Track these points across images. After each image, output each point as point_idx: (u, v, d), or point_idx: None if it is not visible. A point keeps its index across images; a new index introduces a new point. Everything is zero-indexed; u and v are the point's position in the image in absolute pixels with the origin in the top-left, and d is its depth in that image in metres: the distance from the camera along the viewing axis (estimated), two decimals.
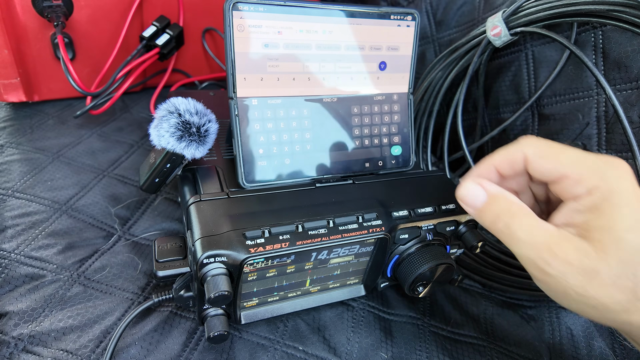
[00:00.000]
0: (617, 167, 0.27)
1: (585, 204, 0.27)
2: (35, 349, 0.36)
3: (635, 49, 0.42)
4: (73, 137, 0.59)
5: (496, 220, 0.30)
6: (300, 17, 0.40)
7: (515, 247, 0.29)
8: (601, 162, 0.28)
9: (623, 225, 0.26)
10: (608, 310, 0.27)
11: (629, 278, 0.26)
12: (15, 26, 0.57)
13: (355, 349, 0.40)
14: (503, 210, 0.30)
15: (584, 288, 0.26)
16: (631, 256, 0.26)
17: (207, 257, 0.32)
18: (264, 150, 0.41)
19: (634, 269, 0.26)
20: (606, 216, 0.26)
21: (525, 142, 0.31)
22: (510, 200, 0.30)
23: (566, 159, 0.29)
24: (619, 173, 0.27)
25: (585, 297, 0.27)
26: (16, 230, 0.45)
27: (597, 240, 0.26)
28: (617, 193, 0.26)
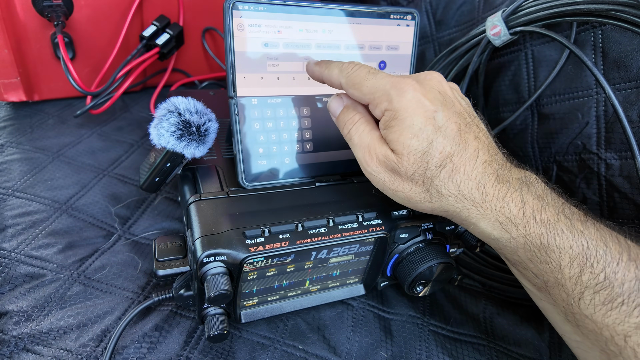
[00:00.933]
0: (400, 88, 0.32)
1: (382, 123, 0.34)
2: (35, 348, 0.36)
3: (634, 48, 0.42)
4: (73, 137, 0.59)
5: (343, 126, 0.36)
6: (300, 16, 0.40)
7: (352, 149, 0.36)
8: (388, 86, 0.33)
9: (407, 134, 0.32)
10: (415, 201, 0.33)
11: (420, 174, 0.32)
12: (16, 26, 0.57)
13: (355, 348, 0.41)
14: (348, 119, 0.36)
15: (393, 183, 0.33)
16: (418, 157, 0.32)
17: (207, 256, 0.32)
18: (264, 149, 0.41)
19: (423, 166, 0.32)
20: (395, 130, 0.32)
21: (341, 72, 0.36)
22: (355, 111, 0.36)
23: (366, 88, 0.34)
24: (400, 93, 0.32)
25: (396, 191, 0.34)
26: (16, 230, 0.46)
27: (395, 148, 0.33)
28: (400, 110, 0.32)
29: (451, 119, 0.32)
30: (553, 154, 0.51)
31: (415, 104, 0.32)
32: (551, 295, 0.32)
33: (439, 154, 0.31)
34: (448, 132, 0.32)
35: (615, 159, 0.45)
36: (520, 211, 0.31)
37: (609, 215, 0.46)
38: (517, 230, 0.31)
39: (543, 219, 0.31)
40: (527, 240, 0.31)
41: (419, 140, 0.31)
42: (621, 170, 0.45)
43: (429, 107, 0.32)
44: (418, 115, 0.32)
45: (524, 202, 0.31)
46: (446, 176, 0.32)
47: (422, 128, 0.31)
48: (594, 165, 0.47)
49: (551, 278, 0.31)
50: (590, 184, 0.47)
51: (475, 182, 0.32)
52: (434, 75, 0.35)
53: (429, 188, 0.32)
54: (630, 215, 0.44)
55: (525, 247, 0.31)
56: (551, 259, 0.30)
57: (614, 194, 0.45)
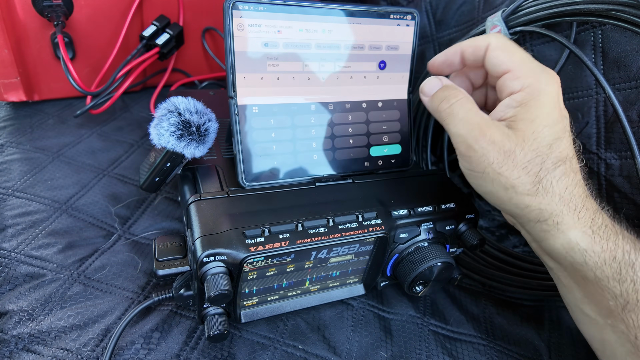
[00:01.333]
0: (549, 73, 0.32)
1: (517, 98, 0.32)
2: (35, 347, 0.36)
3: (634, 48, 0.42)
4: (73, 137, 0.59)
5: (443, 102, 0.35)
6: (300, 16, 0.40)
7: (451, 124, 0.34)
8: (539, 68, 0.33)
9: (542, 121, 0.31)
10: (516, 191, 0.31)
11: (537, 164, 0.31)
12: (16, 26, 0.57)
13: (355, 347, 0.41)
14: (451, 94, 0.35)
15: (501, 166, 0.31)
16: (543, 147, 0.31)
17: (207, 256, 0.32)
18: (264, 149, 0.41)
19: (542, 158, 0.31)
20: (531, 111, 0.31)
21: (492, 35, 0.36)
22: (459, 89, 0.35)
23: (516, 57, 0.33)
24: (549, 78, 0.32)
25: (500, 176, 0.31)
26: (16, 230, 0.46)
27: (520, 130, 0.31)
28: (544, 94, 0.31)
29: (569, 131, 0.33)
30: None
31: (558, 97, 0.32)
32: (625, 320, 0.30)
33: (559, 153, 0.31)
34: (570, 138, 0.32)
35: (615, 158, 0.45)
36: (610, 224, 0.31)
37: None
38: (607, 243, 0.30)
39: (629, 236, 0.31)
40: (617, 254, 0.30)
41: (551, 131, 0.31)
42: (621, 170, 0.45)
43: (563, 108, 0.32)
44: (556, 109, 0.32)
45: (612, 218, 0.32)
46: (560, 174, 0.31)
47: (556, 122, 0.31)
48: (593, 165, 0.47)
49: (632, 299, 0.29)
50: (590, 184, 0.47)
51: (580, 190, 0.32)
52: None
53: (541, 180, 0.31)
54: (630, 215, 0.44)
55: (612, 262, 0.30)
56: (638, 278, 0.29)
57: (613, 194, 0.45)
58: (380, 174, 0.45)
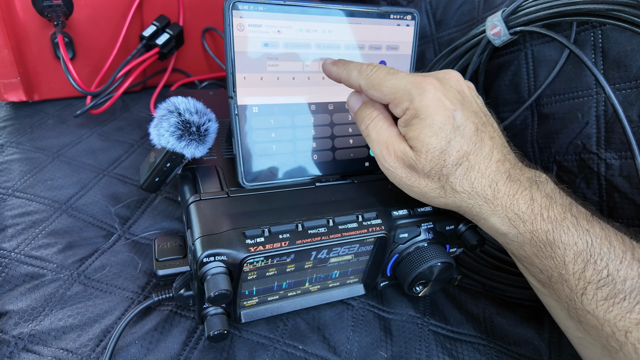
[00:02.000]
0: (421, 87, 0.33)
1: (403, 121, 0.34)
2: (35, 347, 0.36)
3: (634, 48, 0.42)
4: (73, 137, 0.59)
5: (361, 122, 0.37)
6: (300, 16, 0.40)
7: (370, 145, 0.37)
8: (409, 86, 0.33)
9: (427, 133, 0.32)
10: (430, 197, 0.35)
11: (436, 172, 0.33)
12: (16, 26, 0.57)
13: (355, 348, 0.41)
14: (366, 115, 0.37)
15: (409, 179, 0.35)
16: (436, 156, 0.32)
17: (207, 256, 0.32)
18: (264, 149, 0.41)
19: (440, 165, 0.33)
20: (415, 128, 0.33)
21: (360, 74, 0.36)
22: (374, 107, 0.37)
23: (386, 89, 0.35)
24: (421, 92, 0.33)
25: (412, 186, 0.35)
26: (16, 230, 0.46)
27: (413, 146, 0.33)
28: (421, 109, 0.33)
29: (469, 119, 0.33)
30: (553, 153, 0.51)
31: (436, 103, 0.33)
32: (555, 290, 0.32)
33: (456, 153, 0.32)
34: (466, 131, 0.33)
35: (615, 158, 0.45)
36: (528, 208, 0.32)
37: (609, 215, 0.46)
38: (524, 226, 0.32)
39: (550, 216, 0.32)
40: (534, 235, 0.32)
41: (438, 138, 0.32)
42: (621, 170, 0.45)
43: (448, 106, 0.33)
44: (438, 114, 0.32)
45: (533, 200, 0.32)
46: (461, 174, 0.33)
47: (441, 127, 0.32)
48: (593, 165, 0.47)
49: (555, 273, 0.31)
50: (590, 184, 0.47)
51: (488, 180, 0.33)
52: (453, 74, 0.36)
53: (444, 185, 0.33)
54: (630, 215, 0.44)
55: (531, 243, 0.32)
56: (556, 255, 0.31)
57: (613, 194, 0.45)
58: (380, 174, 0.45)
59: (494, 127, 0.35)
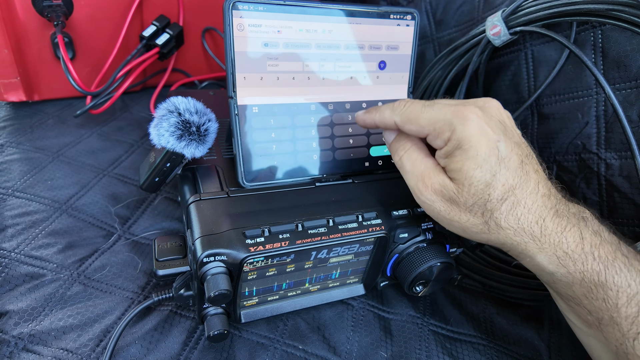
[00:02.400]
0: (463, 116, 0.31)
1: (443, 152, 0.33)
2: (35, 347, 0.36)
3: (634, 48, 0.42)
4: (73, 137, 0.59)
5: (395, 154, 0.37)
6: (300, 16, 0.40)
7: (404, 177, 0.36)
8: (450, 116, 0.32)
9: (471, 166, 0.31)
10: (471, 232, 0.33)
11: (480, 206, 0.31)
12: (16, 26, 0.57)
13: (355, 348, 0.41)
14: (400, 146, 0.36)
15: (449, 213, 0.33)
16: (480, 190, 0.31)
17: (207, 256, 0.32)
18: (264, 149, 0.41)
19: (484, 200, 0.31)
20: (457, 160, 0.31)
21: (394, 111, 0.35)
22: (407, 139, 0.36)
23: (424, 121, 0.33)
24: (463, 122, 0.31)
25: (452, 221, 0.33)
26: (16, 230, 0.46)
27: (454, 178, 0.32)
28: (464, 140, 0.31)
29: (513, 150, 0.32)
30: (553, 153, 0.51)
31: (479, 133, 0.31)
32: (603, 333, 0.31)
33: (502, 187, 0.31)
34: (511, 164, 0.31)
35: (615, 158, 0.45)
36: (578, 246, 0.30)
37: (609, 215, 0.46)
38: (574, 266, 0.30)
39: (601, 256, 0.30)
40: (585, 276, 0.30)
41: (483, 171, 0.31)
42: (621, 170, 0.45)
43: (492, 136, 0.31)
44: (482, 145, 0.31)
45: (582, 238, 0.31)
46: (507, 209, 0.31)
47: (486, 159, 0.31)
48: (593, 165, 0.47)
49: (606, 316, 0.30)
50: (590, 184, 0.47)
51: (535, 216, 0.31)
52: (493, 102, 0.34)
53: (488, 220, 0.32)
54: (630, 215, 0.44)
55: (581, 283, 0.30)
56: (608, 297, 0.29)
57: (613, 194, 0.45)
58: (380, 174, 0.45)
59: (535, 159, 0.33)
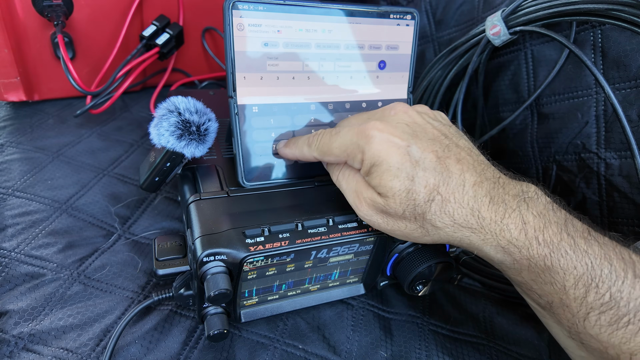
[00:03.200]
0: (367, 136, 0.32)
1: (363, 172, 0.34)
2: (35, 347, 0.36)
3: (634, 47, 0.42)
4: (73, 136, 0.59)
5: (332, 174, 0.38)
6: (300, 16, 0.40)
7: (345, 195, 0.36)
8: (356, 138, 0.33)
9: (387, 178, 0.31)
10: (414, 237, 0.33)
11: (411, 212, 0.32)
12: (15, 25, 0.57)
13: (355, 347, 0.41)
14: (335, 167, 0.37)
15: (388, 224, 0.33)
16: (403, 198, 0.31)
17: (207, 256, 0.32)
18: (264, 148, 0.41)
19: (411, 205, 0.31)
20: (375, 176, 0.32)
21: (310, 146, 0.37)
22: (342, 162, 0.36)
23: (336, 150, 0.35)
24: (368, 140, 0.32)
25: (393, 230, 0.34)
26: (16, 229, 0.46)
27: (380, 193, 0.32)
28: (374, 157, 0.32)
29: (427, 149, 0.32)
30: (553, 153, 0.51)
31: (386, 146, 0.32)
32: (555, 315, 0.31)
33: (424, 189, 0.31)
34: (427, 163, 0.31)
35: (615, 158, 0.45)
36: (521, 233, 0.30)
37: (609, 215, 0.46)
38: (520, 253, 0.30)
39: (545, 240, 0.30)
40: (531, 262, 0.30)
41: (400, 179, 0.31)
42: (621, 170, 0.45)
43: (400, 143, 0.32)
44: (392, 155, 0.31)
45: (525, 223, 0.30)
46: (437, 209, 0.31)
47: (400, 167, 0.31)
48: (593, 164, 0.47)
49: (556, 299, 0.30)
50: (590, 184, 0.47)
51: (468, 209, 0.31)
52: (397, 107, 0.35)
53: (423, 224, 0.32)
54: (630, 215, 0.44)
55: (529, 269, 0.30)
56: (555, 281, 0.30)
57: (613, 194, 0.45)
58: None
59: (459, 146, 0.33)
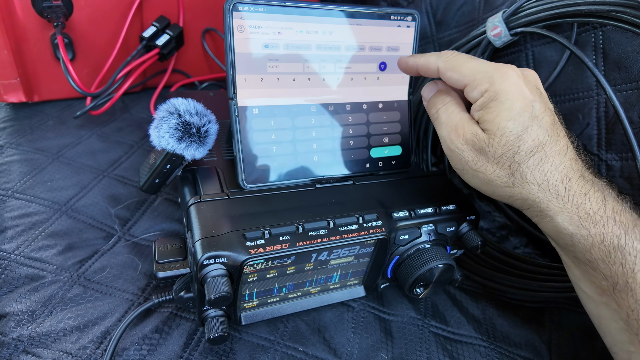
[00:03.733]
0: (503, 72, 0.33)
1: (479, 104, 0.34)
2: (35, 350, 0.36)
3: (635, 49, 0.42)
4: (73, 138, 0.59)
5: (432, 107, 0.38)
6: (300, 17, 0.40)
7: (437, 127, 0.37)
8: (491, 70, 0.34)
9: (505, 116, 0.32)
10: (495, 184, 0.34)
11: (508, 158, 0.32)
12: (15, 26, 0.57)
13: (356, 349, 0.40)
14: (439, 100, 0.37)
15: (476, 163, 0.34)
16: (511, 141, 0.32)
17: (207, 258, 0.32)
18: (264, 150, 0.41)
19: (513, 151, 0.32)
20: (492, 111, 0.33)
21: (437, 56, 0.37)
22: (447, 93, 0.37)
23: (466, 70, 0.35)
24: (502, 75, 0.33)
25: (477, 172, 0.34)
26: (16, 231, 0.45)
27: (487, 129, 0.33)
28: (501, 93, 0.33)
29: (546, 112, 0.33)
30: None
31: (517, 89, 0.33)
32: (616, 300, 0.31)
33: (532, 141, 0.32)
34: (543, 122, 0.33)
35: (616, 160, 0.45)
36: (600, 209, 0.31)
37: None
38: (595, 228, 0.31)
39: (622, 221, 0.31)
40: (605, 238, 0.31)
41: (516, 123, 0.32)
42: (622, 172, 0.44)
43: (528, 95, 0.33)
44: (518, 100, 0.32)
45: (605, 201, 0.32)
46: (534, 163, 0.32)
47: (520, 112, 0.32)
48: (594, 166, 0.46)
49: (621, 281, 0.30)
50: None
51: (561, 175, 0.32)
52: (531, 71, 0.36)
53: (515, 172, 0.33)
54: None
55: (600, 247, 0.31)
56: (626, 261, 0.30)
57: None
58: (380, 175, 0.45)
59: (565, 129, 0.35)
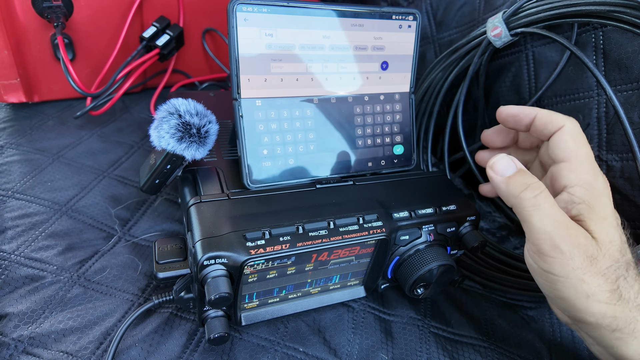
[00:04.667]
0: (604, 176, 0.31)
1: (578, 194, 0.31)
2: (35, 350, 0.36)
3: (635, 49, 0.42)
4: (73, 138, 0.59)
5: (526, 190, 0.32)
6: (303, 17, 0.40)
7: (536, 217, 0.31)
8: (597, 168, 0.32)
9: (611, 223, 0.30)
10: (595, 300, 0.29)
11: (614, 271, 0.30)
12: (15, 27, 0.57)
13: (356, 350, 0.40)
14: (534, 184, 0.32)
15: (584, 272, 0.29)
16: (616, 252, 0.30)
17: (208, 259, 0.32)
18: (268, 150, 0.41)
19: (618, 264, 0.30)
20: (598, 211, 0.30)
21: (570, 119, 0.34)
22: (536, 178, 0.32)
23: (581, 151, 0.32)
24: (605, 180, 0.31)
25: (583, 282, 0.29)
26: (16, 232, 0.45)
27: (594, 232, 0.30)
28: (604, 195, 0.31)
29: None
30: None
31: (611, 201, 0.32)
32: None
33: (628, 256, 0.30)
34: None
35: (617, 160, 0.45)
36: None
37: None
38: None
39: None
40: None
41: (618, 233, 0.30)
42: (622, 172, 0.44)
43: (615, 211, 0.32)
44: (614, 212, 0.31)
45: None
46: (632, 280, 0.30)
47: (618, 224, 0.31)
48: None
49: None
50: None
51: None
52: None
53: (618, 288, 0.30)
54: (632, 217, 0.44)
55: None
56: None
57: (615, 196, 0.45)
58: (380, 176, 0.45)
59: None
